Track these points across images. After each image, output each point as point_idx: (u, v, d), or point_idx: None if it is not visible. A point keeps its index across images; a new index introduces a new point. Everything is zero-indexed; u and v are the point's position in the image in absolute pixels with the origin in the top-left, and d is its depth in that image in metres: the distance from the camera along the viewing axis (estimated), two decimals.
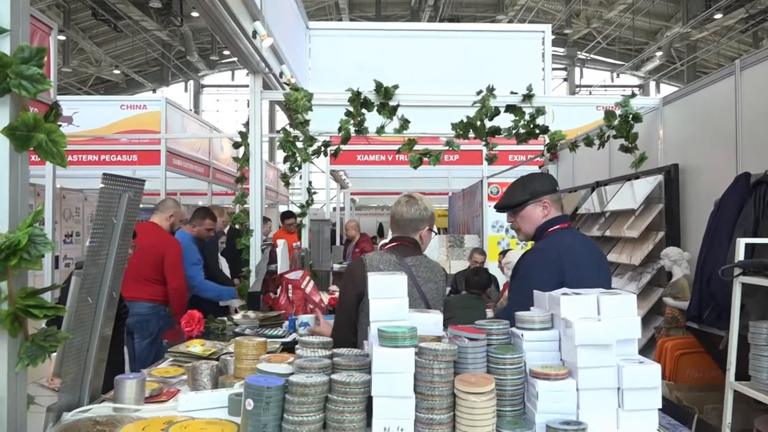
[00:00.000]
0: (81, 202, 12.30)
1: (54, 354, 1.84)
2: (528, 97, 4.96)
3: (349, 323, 2.40)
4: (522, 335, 1.80)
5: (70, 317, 1.86)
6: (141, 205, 2.26)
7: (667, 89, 24.69)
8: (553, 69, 24.23)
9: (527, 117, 5.07)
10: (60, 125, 1.64)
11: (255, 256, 4.88)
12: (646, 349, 4.16)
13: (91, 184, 12.35)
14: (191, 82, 30.49)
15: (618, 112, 4.92)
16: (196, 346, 2.70)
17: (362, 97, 4.78)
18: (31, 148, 1.60)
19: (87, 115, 9.37)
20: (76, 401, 1.94)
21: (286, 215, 8.75)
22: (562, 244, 2.38)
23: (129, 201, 2.02)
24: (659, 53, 23.87)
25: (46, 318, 1.60)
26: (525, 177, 2.60)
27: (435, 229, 2.90)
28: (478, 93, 4.90)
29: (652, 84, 27.74)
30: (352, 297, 2.43)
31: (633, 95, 4.99)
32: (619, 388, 1.69)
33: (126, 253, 2.10)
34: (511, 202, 2.52)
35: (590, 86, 28.49)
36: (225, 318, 3.92)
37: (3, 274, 1.55)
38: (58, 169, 7.31)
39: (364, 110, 4.83)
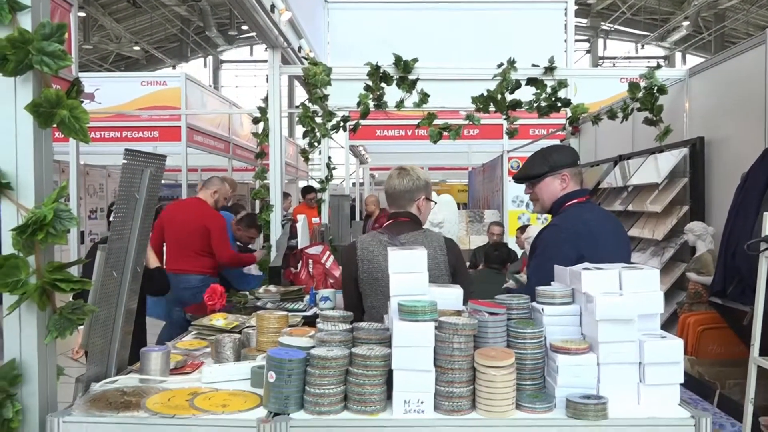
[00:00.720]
0: (104, 178, 12.48)
1: (81, 327, 1.88)
2: (550, 69, 4.87)
3: (354, 305, 2.47)
4: (542, 310, 1.80)
5: (96, 291, 1.90)
6: (162, 181, 2.28)
7: (693, 60, 24.08)
8: (576, 41, 23.72)
9: (549, 90, 4.99)
10: (82, 102, 1.66)
11: (275, 231, 4.91)
12: (668, 324, 4.13)
13: (114, 160, 12.49)
14: (210, 58, 30.50)
15: (642, 84, 4.82)
16: (219, 320, 2.74)
17: (381, 70, 4.74)
18: (55, 125, 1.62)
19: (108, 91, 9.44)
20: (103, 372, 1.98)
21: (307, 190, 8.79)
22: (580, 218, 2.35)
23: (151, 176, 2.03)
24: (686, 23, 23.22)
25: (73, 291, 1.64)
26: (545, 149, 2.57)
27: (435, 198, 2.86)
28: (499, 66, 4.83)
29: (678, 55, 27.06)
30: (349, 280, 2.50)
31: (658, 66, 4.88)
32: (640, 363, 1.69)
33: (149, 228, 2.12)
34: (530, 174, 2.50)
35: (614, 58, 27.87)
36: (247, 292, 3.97)
37: (30, 248, 1.59)
38: (81, 145, 7.40)
39: (383, 84, 4.79)
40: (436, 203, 2.90)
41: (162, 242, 4.77)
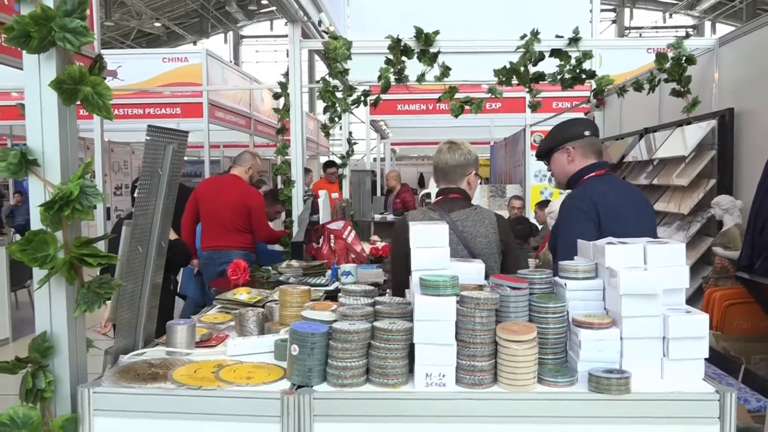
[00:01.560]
0: (129, 155, 12.65)
1: (109, 301, 1.92)
2: (574, 40, 4.77)
3: (404, 280, 2.30)
4: (565, 284, 1.79)
5: (122, 265, 1.93)
6: (185, 158, 2.30)
7: (723, 29, 23.35)
8: (602, 10, 23.14)
9: (573, 61, 4.89)
10: (105, 78, 1.67)
11: (297, 207, 4.94)
12: (693, 299, 4.08)
13: (138, 137, 12.61)
14: (230, 34, 30.44)
15: (670, 54, 4.69)
16: (242, 294, 2.78)
17: (402, 44, 4.69)
18: (78, 102, 1.64)
19: (131, 68, 9.50)
20: (131, 345, 2.03)
21: (328, 164, 8.80)
22: (596, 191, 2.32)
23: (174, 152, 2.05)
24: None
25: (100, 266, 1.67)
26: (559, 123, 2.56)
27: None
28: (522, 37, 4.74)
29: (707, 24, 26.26)
30: (401, 257, 2.37)
31: (687, 36, 4.74)
32: (664, 338, 1.67)
33: (173, 203, 2.15)
34: (540, 151, 2.50)
35: (641, 28, 27.15)
36: (269, 267, 4.01)
37: (58, 224, 1.61)
38: (105, 122, 7.46)
39: (404, 58, 4.74)
40: (483, 180, 2.88)
41: (196, 219, 4.81)
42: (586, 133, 2.48)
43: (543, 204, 6.10)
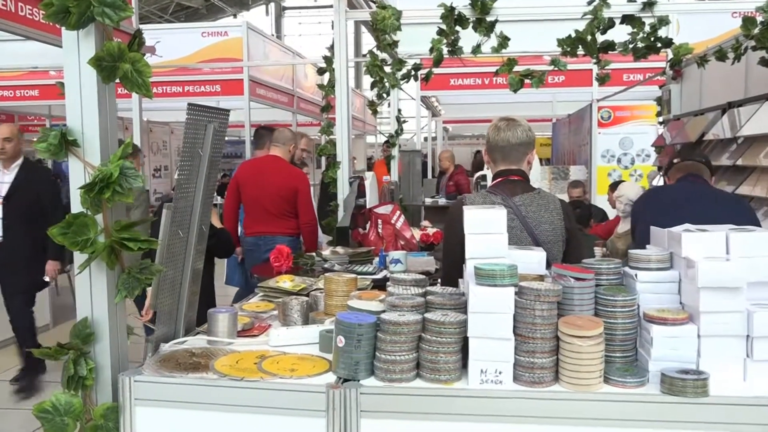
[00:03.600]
0: (168, 135, 12.97)
1: (149, 288, 1.99)
2: (649, 5, 4.61)
3: (456, 270, 2.27)
4: (636, 276, 1.75)
5: (163, 251, 1.99)
6: (226, 138, 2.34)
7: None
8: None
9: (647, 28, 4.73)
10: (144, 55, 1.71)
11: (343, 190, 4.97)
12: None
13: (177, 116, 12.94)
14: (272, 5, 30.69)
15: (760, 18, 4.48)
16: (285, 282, 2.83)
17: (456, 12, 4.62)
18: (117, 80, 1.69)
19: (169, 44, 9.68)
20: (172, 333, 2.10)
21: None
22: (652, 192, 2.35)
23: (215, 132, 2.09)
24: None
25: (141, 251, 1.73)
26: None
27: (536, 157, 2.80)
28: (589, 2, 4.61)
29: None
30: (455, 245, 2.29)
31: None
32: (748, 336, 1.62)
33: (214, 185, 2.20)
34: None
35: None
36: (313, 253, 4.06)
37: (98, 206, 1.68)
38: (144, 101, 7.69)
39: (458, 28, 4.68)
40: (544, 161, 2.89)
41: (238, 205, 4.89)
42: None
43: (614, 186, 5.97)
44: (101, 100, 1.72)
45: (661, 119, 6.65)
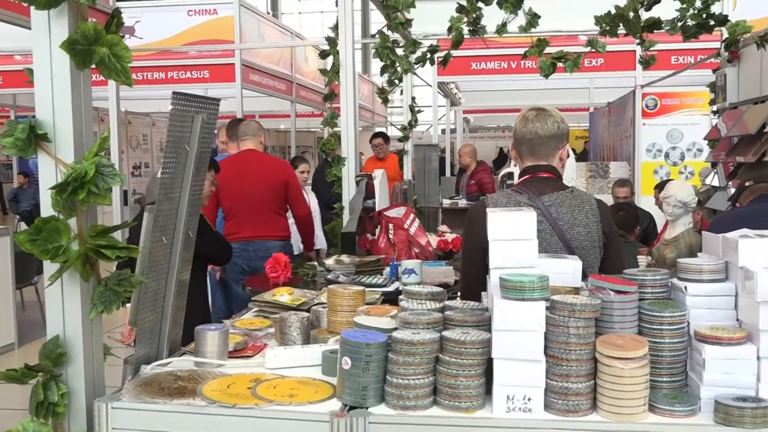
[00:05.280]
0: (148, 127, 13.07)
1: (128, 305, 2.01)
2: None
3: (478, 282, 2.30)
4: (685, 288, 1.75)
5: (144, 259, 2.01)
6: (215, 130, 2.36)
7: None
8: None
9: (698, 4, 4.72)
10: (123, 37, 1.73)
11: (348, 190, 4.98)
12: None
13: (159, 106, 13.04)
14: None
15: None
16: (283, 295, 2.84)
17: None
18: (93, 65, 1.71)
19: (150, 24, 9.75)
20: (154, 353, 2.11)
21: (375, 136, 8.76)
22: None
23: (203, 124, 2.11)
24: None
25: (119, 260, 1.75)
26: None
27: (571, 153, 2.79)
28: None
29: None
30: (475, 251, 2.34)
31: None
32: None
33: (202, 185, 2.21)
34: None
35: None
36: (315, 263, 4.08)
37: (71, 209, 1.69)
38: (122, 89, 7.75)
39: (480, 4, 4.69)
40: (576, 158, 2.88)
41: (218, 208, 4.90)
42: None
43: (661, 186, 5.94)
44: (75, 89, 1.74)
45: (714, 108, 6.60)
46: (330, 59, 5.43)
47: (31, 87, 1.75)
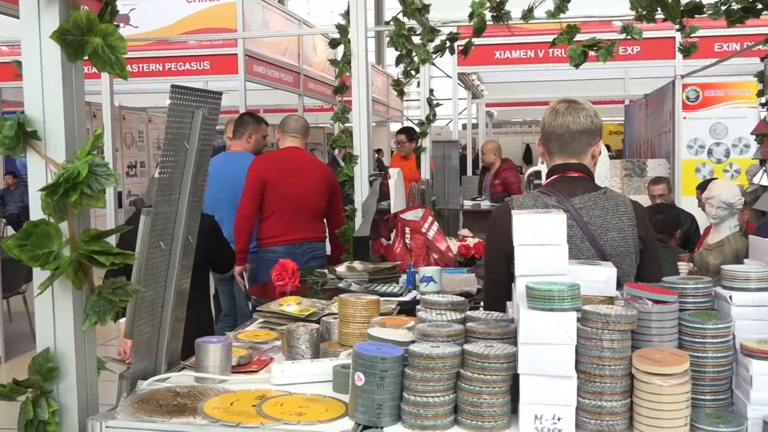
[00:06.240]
0: (144, 124, 13.15)
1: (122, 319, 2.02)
2: None
3: (502, 290, 2.30)
4: (731, 298, 1.75)
5: (141, 266, 2.03)
6: (217, 126, 2.38)
7: None
8: None
9: None
10: (117, 26, 1.75)
11: (361, 191, 4.99)
12: None
13: (156, 101, 13.12)
14: None
15: None
16: (290, 305, 2.85)
17: None
18: (86, 57, 1.72)
19: (147, 12, 9.81)
20: (152, 368, 2.13)
21: (400, 132, 8.81)
22: None
23: (204, 120, 2.12)
24: None
25: (113, 266, 1.76)
26: None
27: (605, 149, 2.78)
28: None
29: None
30: (499, 257, 2.36)
31: None
32: None
33: (203, 186, 2.23)
34: None
35: None
36: (325, 270, 4.08)
37: (63, 213, 1.71)
38: (116, 82, 7.81)
39: None
40: (612, 156, 2.86)
41: (258, 209, 4.91)
42: None
43: (704, 185, 5.90)
44: (66, 83, 1.75)
45: (763, 100, 6.57)
46: (341, 48, 5.44)
47: (20, 80, 1.77)
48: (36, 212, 1.74)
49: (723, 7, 4.81)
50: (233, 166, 5.05)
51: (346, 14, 5.13)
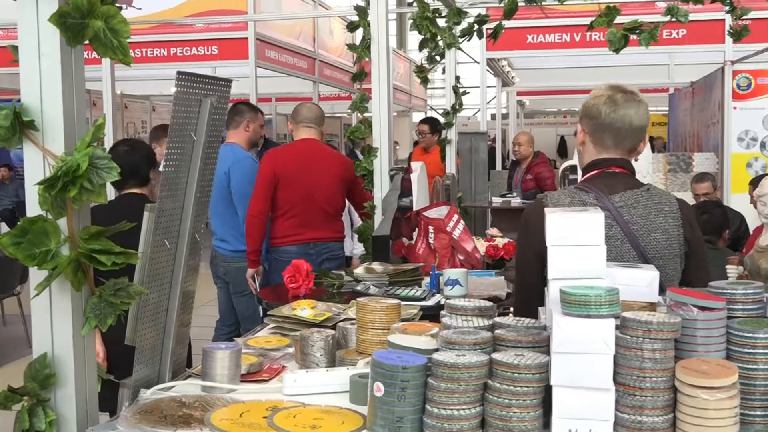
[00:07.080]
0: (148, 113, 13.23)
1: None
2: None
3: (535, 295, 2.30)
4: None
5: (144, 266, 2.04)
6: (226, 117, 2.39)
7: None
8: None
9: None
10: (120, 8, 1.76)
11: (381, 186, 4.99)
12: None
13: (160, 88, 13.19)
14: None
15: None
16: (304, 309, 2.85)
17: None
18: (86, 41, 1.73)
19: None
20: (155, 375, 2.15)
21: (423, 122, 8.80)
22: None
23: (212, 109, 2.14)
24: None
25: (115, 266, 1.77)
26: None
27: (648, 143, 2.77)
28: None
29: None
30: (531, 259, 2.35)
31: None
32: None
33: (210, 181, 2.24)
34: None
35: None
36: (342, 272, 4.09)
37: (61, 208, 1.72)
38: (117, 68, 7.85)
39: None
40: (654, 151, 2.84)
41: (271, 205, 4.93)
42: None
43: (756, 182, 5.85)
44: (66, 69, 1.77)
45: None
46: (359, 32, 5.44)
47: (16, 66, 1.78)
48: (33, 208, 1.74)
49: None
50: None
51: None
